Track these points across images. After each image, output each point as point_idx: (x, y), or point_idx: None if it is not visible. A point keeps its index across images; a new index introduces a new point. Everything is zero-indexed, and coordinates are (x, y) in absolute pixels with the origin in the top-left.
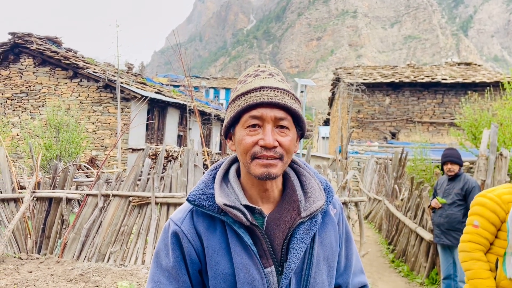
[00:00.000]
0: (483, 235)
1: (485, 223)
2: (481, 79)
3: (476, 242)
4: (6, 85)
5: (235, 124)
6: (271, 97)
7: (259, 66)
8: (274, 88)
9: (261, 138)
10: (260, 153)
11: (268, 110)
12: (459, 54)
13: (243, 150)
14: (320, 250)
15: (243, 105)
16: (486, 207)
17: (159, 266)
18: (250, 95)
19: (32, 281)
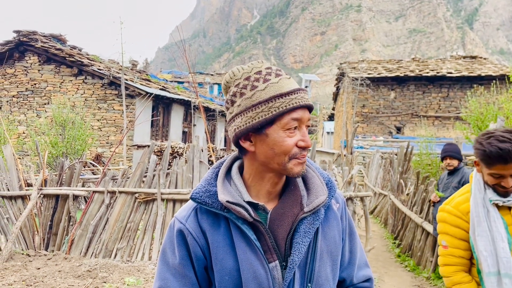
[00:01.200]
0: (456, 254)
1: (453, 241)
2: (487, 72)
3: (451, 264)
4: (12, 83)
5: (267, 125)
6: (307, 100)
7: (263, 62)
8: (304, 90)
9: (301, 140)
10: (299, 154)
11: (306, 113)
12: (465, 48)
13: (283, 152)
14: (324, 244)
15: (283, 107)
16: (447, 223)
17: (166, 264)
18: (289, 97)
19: (40, 278)
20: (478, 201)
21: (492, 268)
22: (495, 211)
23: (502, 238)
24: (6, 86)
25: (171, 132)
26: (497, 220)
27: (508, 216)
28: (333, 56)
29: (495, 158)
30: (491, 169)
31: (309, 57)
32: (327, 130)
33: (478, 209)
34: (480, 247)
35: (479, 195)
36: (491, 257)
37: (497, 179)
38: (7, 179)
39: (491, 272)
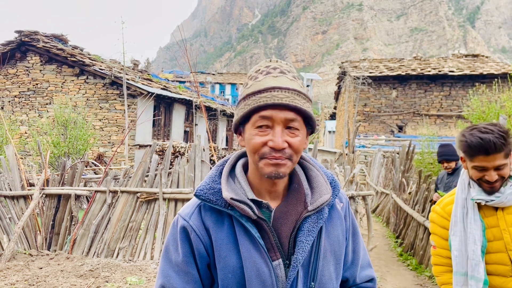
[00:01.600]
0: (443, 255)
1: (441, 242)
2: (489, 70)
3: (440, 264)
4: (13, 83)
5: (245, 122)
6: (282, 99)
7: (271, 61)
8: (285, 88)
9: (271, 139)
10: (269, 154)
11: (278, 112)
12: (466, 46)
13: (252, 150)
14: (327, 243)
15: (253, 105)
16: (435, 224)
17: (169, 261)
18: (260, 95)
19: (42, 277)
20: (459, 201)
21: (460, 268)
22: (474, 213)
23: (474, 241)
24: (8, 86)
25: (173, 131)
26: (474, 222)
27: (493, 218)
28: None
29: (477, 149)
30: (474, 161)
31: (311, 56)
32: (328, 129)
33: (457, 209)
34: (453, 246)
35: (461, 195)
36: (461, 257)
37: (480, 172)
38: (9, 179)
39: (458, 272)
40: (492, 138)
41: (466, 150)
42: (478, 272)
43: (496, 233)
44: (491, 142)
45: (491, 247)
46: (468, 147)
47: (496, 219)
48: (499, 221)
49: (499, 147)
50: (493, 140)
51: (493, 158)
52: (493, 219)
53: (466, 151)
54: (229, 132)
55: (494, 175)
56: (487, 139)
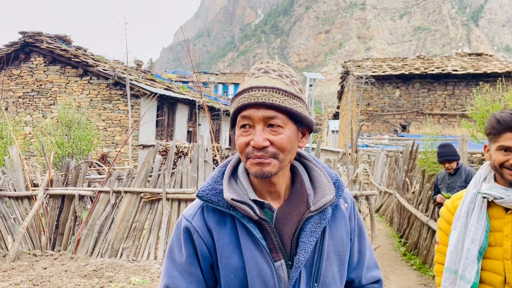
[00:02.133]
0: (444, 252)
1: (444, 237)
2: (493, 69)
3: (440, 262)
4: (17, 84)
5: (234, 124)
6: (258, 97)
7: (262, 63)
8: (263, 87)
9: (252, 139)
10: (251, 154)
11: (255, 111)
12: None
13: (238, 150)
14: (331, 244)
15: (235, 106)
16: (442, 218)
17: (173, 261)
18: (240, 96)
19: (46, 277)
20: (468, 195)
21: (452, 265)
22: (480, 210)
23: (472, 240)
24: (12, 87)
25: (176, 131)
26: (479, 220)
27: (499, 221)
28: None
29: (505, 124)
30: (499, 140)
31: (314, 55)
32: (332, 129)
33: (465, 203)
34: (450, 240)
35: (472, 189)
36: (455, 254)
37: (505, 153)
38: (13, 179)
39: (449, 269)
40: None
41: (494, 126)
42: (469, 273)
43: (498, 238)
44: None
45: (490, 252)
46: (497, 122)
47: (502, 223)
48: (504, 226)
49: None
50: None
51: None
52: (499, 222)
53: (494, 127)
54: (232, 132)
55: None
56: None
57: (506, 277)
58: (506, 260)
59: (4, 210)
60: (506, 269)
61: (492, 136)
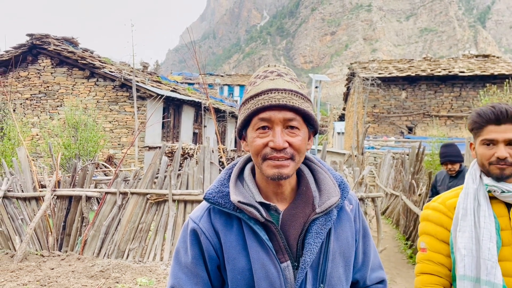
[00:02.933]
0: (435, 260)
1: (434, 243)
2: (500, 71)
3: (428, 272)
4: (25, 86)
5: (246, 126)
6: (279, 99)
7: (269, 66)
8: (282, 89)
9: (271, 140)
10: (270, 155)
11: (276, 112)
12: (477, 46)
13: (254, 152)
14: (336, 245)
15: (252, 108)
16: (430, 221)
17: (179, 263)
18: (258, 98)
19: (54, 278)
20: (470, 191)
21: (468, 271)
22: (487, 206)
23: (490, 237)
24: (19, 89)
25: (182, 133)
26: (488, 216)
27: (503, 219)
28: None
29: (487, 116)
30: (482, 134)
31: (319, 57)
32: (337, 131)
33: (467, 200)
34: (459, 244)
35: (472, 185)
36: (470, 257)
37: (489, 148)
38: (21, 180)
39: (466, 276)
40: (504, 106)
41: (476, 121)
42: (495, 276)
43: (506, 237)
44: (503, 108)
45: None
46: (478, 116)
47: (507, 220)
48: (511, 223)
49: (511, 116)
50: (505, 107)
51: (504, 128)
52: (504, 220)
53: (476, 122)
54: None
55: (505, 150)
56: (499, 106)
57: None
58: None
59: (12, 211)
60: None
61: (475, 131)
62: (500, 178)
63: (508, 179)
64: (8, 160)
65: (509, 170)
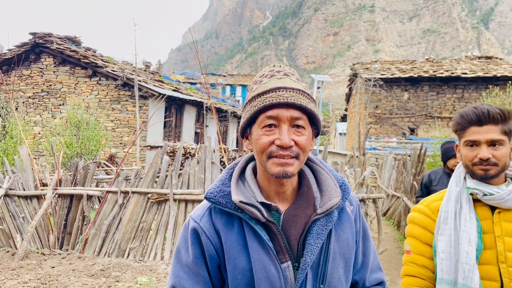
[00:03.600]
0: (418, 262)
1: (418, 246)
2: (503, 73)
3: (412, 275)
4: (27, 84)
5: (251, 124)
6: (287, 98)
7: (274, 66)
8: (290, 88)
9: (277, 138)
10: (276, 153)
11: (284, 111)
12: (480, 48)
13: (259, 149)
14: (337, 246)
15: (259, 105)
16: (415, 224)
17: (180, 262)
18: (266, 96)
19: (54, 276)
20: (452, 195)
21: (446, 275)
22: (469, 209)
23: (469, 241)
24: (22, 87)
25: (184, 133)
26: (469, 219)
27: (486, 222)
28: (346, 56)
29: (469, 117)
30: (465, 135)
31: (322, 57)
32: (339, 131)
33: (450, 203)
34: (439, 247)
35: (455, 188)
36: (448, 261)
37: (472, 149)
38: (23, 179)
39: (444, 280)
40: (486, 107)
41: (459, 122)
42: (472, 280)
43: (488, 240)
44: (484, 109)
45: (480, 256)
46: (461, 117)
47: (491, 223)
48: (494, 226)
49: (492, 117)
50: (487, 108)
51: (486, 129)
52: (487, 223)
53: (459, 123)
54: (240, 136)
55: (487, 151)
56: (480, 107)
57: (503, 282)
58: (502, 264)
59: (14, 209)
60: (502, 274)
61: (459, 132)
62: (484, 178)
63: (493, 180)
64: (10, 158)
65: (493, 171)
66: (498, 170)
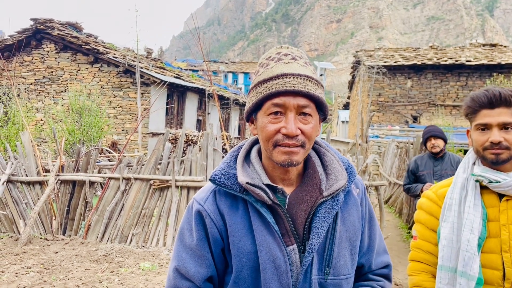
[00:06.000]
0: (424, 248)
1: (424, 232)
2: (507, 60)
3: (417, 260)
4: (29, 71)
5: (257, 109)
6: (294, 85)
7: (282, 48)
8: (297, 75)
9: (284, 126)
10: (282, 141)
11: (291, 98)
12: (484, 35)
13: (265, 137)
14: (343, 229)
15: (265, 92)
16: (422, 209)
17: (183, 244)
18: (272, 82)
19: (57, 261)
20: (458, 181)
21: (446, 262)
22: (475, 196)
23: (471, 229)
24: (24, 74)
25: (186, 120)
26: (474, 207)
27: (493, 209)
28: (349, 44)
29: (480, 100)
30: (476, 119)
31: (325, 45)
32: (342, 119)
33: (455, 190)
34: (441, 234)
35: (463, 174)
36: (450, 248)
37: (483, 133)
38: (25, 165)
39: (444, 266)
40: (498, 89)
41: (470, 106)
42: (471, 268)
43: (493, 228)
44: (496, 92)
45: (484, 244)
46: (471, 100)
47: (497, 211)
48: (500, 214)
49: (505, 99)
50: (499, 90)
51: (498, 112)
52: (493, 211)
53: (470, 107)
54: (242, 121)
55: (499, 135)
56: (492, 89)
57: (506, 272)
58: (505, 253)
59: (16, 195)
60: (505, 263)
61: (470, 116)
62: (495, 163)
63: (504, 165)
64: (12, 144)
65: (505, 155)
66: (510, 154)
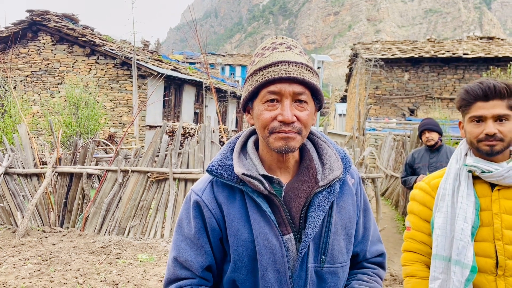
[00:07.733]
0: (417, 238)
1: (417, 222)
2: (504, 53)
3: (410, 250)
4: (25, 63)
5: (253, 98)
6: (290, 72)
7: (277, 38)
8: (293, 62)
9: (280, 114)
10: (278, 128)
11: (286, 85)
12: (482, 28)
13: (261, 125)
14: (338, 218)
15: (261, 80)
16: (415, 200)
17: (182, 234)
18: (268, 70)
19: (55, 253)
20: (451, 171)
21: (441, 251)
22: (468, 186)
23: (464, 218)
24: (20, 66)
25: (183, 112)
26: (467, 196)
27: (485, 199)
28: (347, 36)
29: (475, 92)
30: (470, 111)
31: (322, 37)
32: (339, 112)
33: (449, 180)
34: (435, 224)
35: (455, 165)
36: (444, 237)
37: (477, 125)
38: (22, 157)
39: (439, 255)
40: (492, 82)
41: (464, 98)
42: (465, 256)
43: (486, 217)
44: (490, 84)
45: (477, 233)
46: (466, 93)
47: (489, 200)
48: (492, 204)
49: (499, 91)
50: (493, 83)
51: (492, 104)
52: (485, 200)
53: (464, 99)
54: (239, 114)
55: (494, 127)
56: (486, 82)
57: (499, 259)
58: (498, 241)
59: (14, 187)
60: (498, 251)
61: (463, 108)
62: (490, 154)
63: (497, 157)
64: (9, 137)
65: (499, 146)
66: (504, 146)
